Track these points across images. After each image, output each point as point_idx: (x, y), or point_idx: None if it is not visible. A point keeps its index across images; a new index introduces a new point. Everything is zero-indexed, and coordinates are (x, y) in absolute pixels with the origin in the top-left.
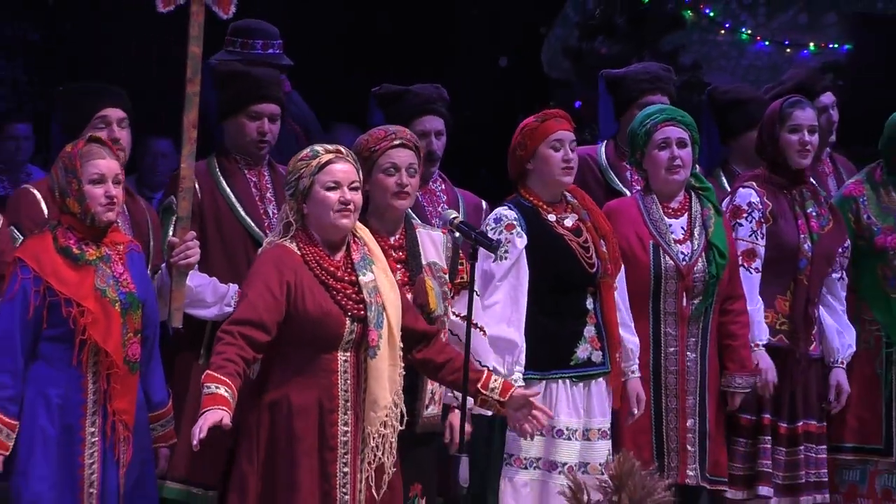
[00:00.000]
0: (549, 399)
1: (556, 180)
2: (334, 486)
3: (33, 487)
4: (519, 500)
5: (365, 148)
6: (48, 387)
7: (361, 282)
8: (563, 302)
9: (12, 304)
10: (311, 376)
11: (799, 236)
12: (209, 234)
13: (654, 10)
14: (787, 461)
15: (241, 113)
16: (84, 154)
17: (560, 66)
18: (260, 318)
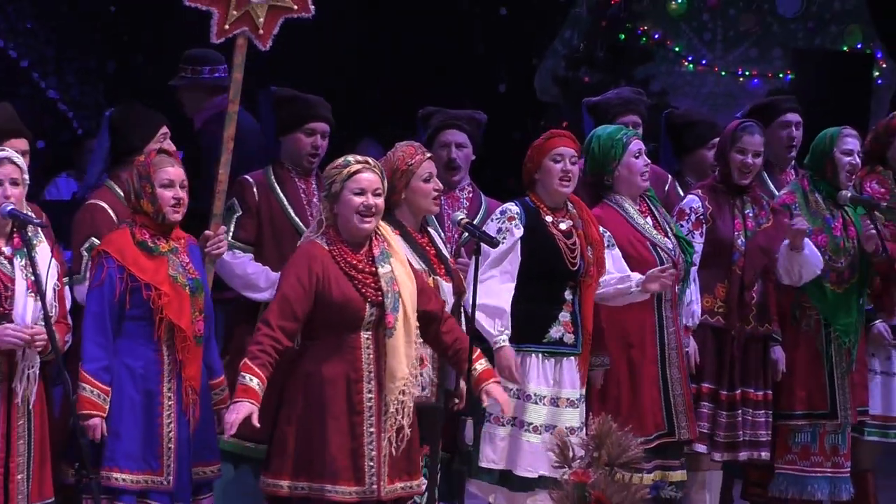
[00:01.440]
0: (523, 368)
1: (556, 189)
2: (362, 444)
3: (124, 444)
4: (496, 451)
5: (402, 162)
6: (132, 359)
7: (380, 272)
8: (544, 290)
9: (101, 290)
10: (339, 352)
11: (734, 234)
12: (264, 231)
13: (629, 45)
14: (727, 423)
15: (299, 130)
16: (156, 163)
17: (550, 92)
18: (292, 310)
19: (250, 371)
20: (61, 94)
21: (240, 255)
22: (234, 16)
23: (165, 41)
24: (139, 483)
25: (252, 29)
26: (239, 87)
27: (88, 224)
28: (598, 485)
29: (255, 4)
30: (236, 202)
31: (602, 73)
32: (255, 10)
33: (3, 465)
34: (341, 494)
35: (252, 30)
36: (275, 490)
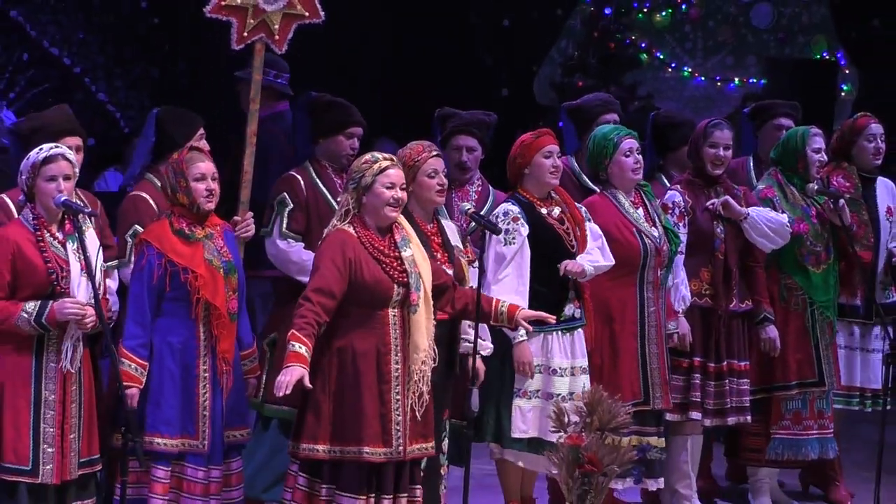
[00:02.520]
0: (546, 346)
1: (547, 182)
2: (389, 409)
3: (165, 412)
4: (525, 422)
5: (410, 158)
6: (171, 335)
7: (403, 256)
8: (553, 274)
9: (141, 274)
10: (369, 328)
11: (713, 223)
12: (312, 221)
13: (618, 54)
14: (716, 391)
15: (339, 133)
16: (188, 159)
17: (547, 96)
18: (330, 288)
19: (298, 340)
20: (110, 97)
21: (293, 243)
22: (252, 24)
23: (201, 50)
24: (177, 447)
25: (268, 35)
26: (259, 88)
27: (132, 213)
28: (591, 447)
29: (271, 13)
30: (287, 196)
31: (594, 79)
32: (271, 18)
33: (60, 427)
34: (373, 455)
35: (268, 35)
36: (311, 454)
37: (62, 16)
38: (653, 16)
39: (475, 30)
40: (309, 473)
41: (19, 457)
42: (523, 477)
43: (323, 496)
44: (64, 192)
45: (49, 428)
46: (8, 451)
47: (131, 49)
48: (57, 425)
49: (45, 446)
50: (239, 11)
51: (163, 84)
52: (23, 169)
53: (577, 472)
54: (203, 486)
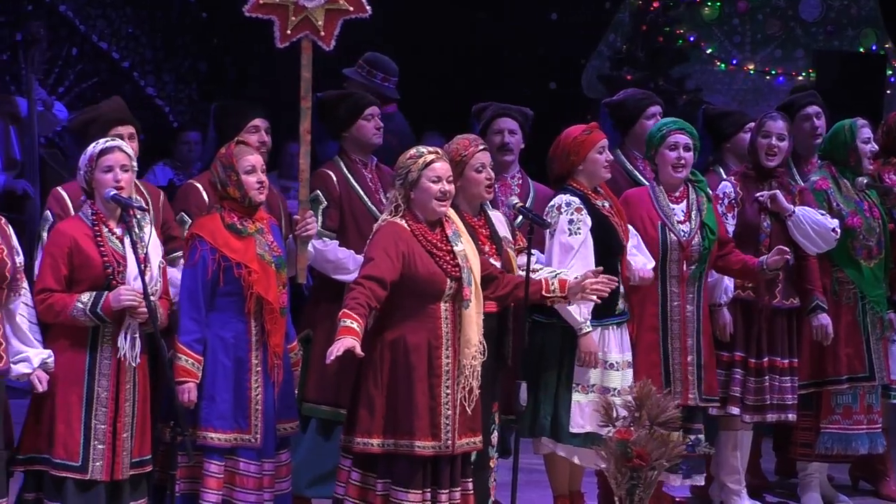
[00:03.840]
0: (604, 339)
1: (601, 176)
2: (439, 403)
3: (219, 407)
4: (584, 416)
5: (457, 153)
6: (224, 330)
7: (455, 251)
8: (609, 266)
9: (195, 270)
10: (421, 321)
11: (760, 217)
12: (346, 218)
13: (667, 47)
14: (756, 387)
15: (360, 118)
16: (237, 153)
17: (596, 89)
18: (382, 276)
19: (349, 317)
20: (158, 91)
21: (329, 242)
22: (294, 22)
23: (249, 44)
24: (230, 441)
25: (313, 32)
26: (309, 85)
27: (181, 201)
28: (640, 442)
29: (312, 9)
30: (321, 194)
31: (642, 72)
32: (313, 15)
33: (112, 424)
34: (422, 449)
35: (313, 32)
36: (365, 448)
37: (111, 10)
38: (701, 9)
39: (524, 23)
40: (363, 468)
41: (69, 452)
42: (571, 472)
43: (378, 490)
44: (122, 181)
45: (101, 425)
46: (58, 447)
47: (180, 43)
48: (109, 422)
49: (95, 443)
50: (279, 9)
51: (211, 78)
52: (81, 164)
53: (625, 467)
54: (256, 480)
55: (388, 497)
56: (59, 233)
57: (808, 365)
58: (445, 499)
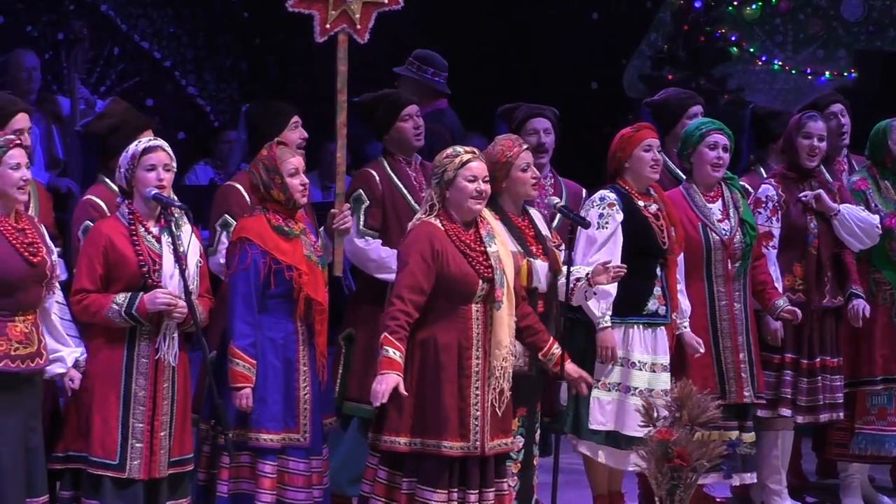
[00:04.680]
0: (627, 338)
1: (647, 176)
2: (468, 404)
3: (270, 409)
4: (604, 414)
5: (502, 154)
6: (273, 331)
7: (489, 251)
8: (641, 267)
9: (247, 273)
10: (452, 322)
11: (806, 218)
12: (389, 217)
13: (708, 46)
14: (808, 388)
15: (398, 120)
16: (280, 156)
17: (637, 89)
18: (420, 285)
19: (392, 345)
20: (200, 90)
21: (371, 241)
22: (333, 15)
23: (290, 43)
24: (281, 441)
25: (350, 25)
26: (345, 79)
27: (223, 203)
28: (680, 442)
29: (350, 3)
30: (363, 193)
31: (684, 72)
32: (351, 8)
33: (150, 423)
34: (450, 449)
35: (350, 26)
36: (392, 446)
37: (153, 10)
38: (743, 9)
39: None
40: (390, 466)
41: (107, 451)
42: (611, 472)
43: (404, 489)
44: (164, 181)
45: (138, 423)
46: (96, 445)
47: (221, 43)
48: (146, 421)
49: (133, 441)
50: (320, 3)
51: (252, 77)
52: (121, 163)
53: (666, 467)
54: (305, 478)
55: (414, 496)
56: (96, 232)
57: (844, 365)
58: (475, 500)
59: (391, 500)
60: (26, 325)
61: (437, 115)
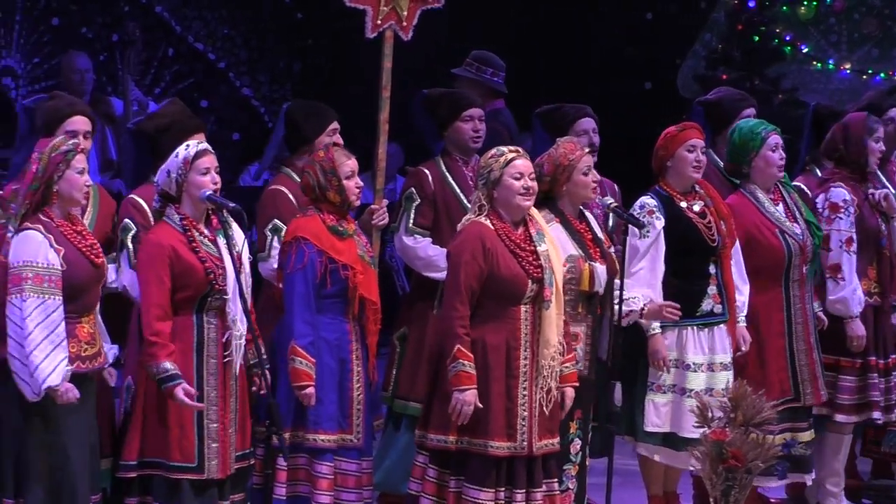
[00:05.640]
0: (681, 341)
1: (689, 175)
2: (516, 404)
3: (326, 409)
4: (660, 416)
5: (564, 158)
6: (328, 332)
7: (539, 251)
8: (691, 268)
9: (304, 272)
10: (501, 322)
11: (877, 220)
12: (440, 216)
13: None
14: (885, 387)
15: (458, 119)
16: (338, 158)
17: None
18: (473, 289)
19: (466, 357)
20: (254, 91)
21: (420, 239)
22: (384, 11)
23: (343, 44)
24: (336, 442)
25: (397, 22)
26: (389, 76)
27: (271, 207)
28: (735, 443)
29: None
30: (414, 191)
31: (738, 72)
32: (400, 4)
33: (221, 421)
34: (497, 449)
35: (397, 22)
36: (439, 445)
37: (207, 11)
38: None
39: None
40: (439, 465)
41: (185, 454)
42: (666, 472)
43: (452, 488)
44: (218, 183)
45: (212, 423)
46: (174, 450)
47: (275, 44)
48: (219, 420)
49: (209, 441)
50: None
51: (305, 78)
52: (171, 168)
53: (720, 468)
54: (356, 479)
55: (462, 495)
56: (154, 245)
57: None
58: (521, 499)
59: (441, 498)
60: (90, 326)
61: (493, 114)
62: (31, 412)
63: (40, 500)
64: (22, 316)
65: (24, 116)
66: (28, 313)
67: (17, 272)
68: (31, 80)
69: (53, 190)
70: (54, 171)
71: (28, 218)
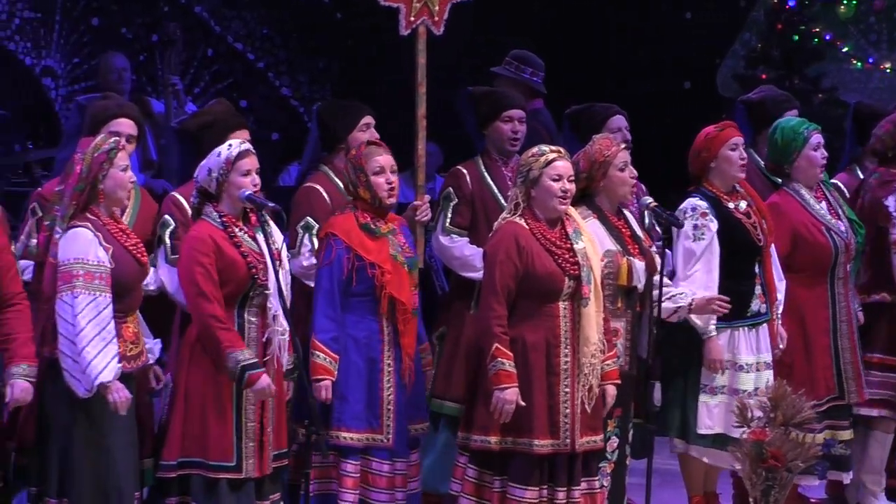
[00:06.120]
0: (733, 342)
1: (734, 175)
2: (558, 402)
3: (351, 407)
4: (712, 417)
5: (600, 154)
6: (356, 330)
7: (576, 248)
8: (740, 269)
9: (331, 268)
10: (540, 321)
11: None
12: (478, 216)
13: (802, 46)
14: None
15: (498, 119)
16: (366, 154)
17: (730, 88)
18: (510, 287)
19: (506, 356)
20: (293, 91)
21: (457, 239)
22: (416, 8)
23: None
24: (362, 441)
25: (429, 17)
26: (424, 71)
27: (304, 205)
28: (775, 443)
29: None
30: (452, 191)
31: (778, 71)
32: (431, 0)
33: (259, 421)
34: (540, 447)
35: (429, 17)
36: (483, 445)
37: (246, 11)
38: (837, 7)
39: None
40: (479, 465)
41: (224, 453)
42: (707, 472)
43: (495, 488)
44: (258, 185)
45: (250, 423)
46: (213, 449)
47: (314, 43)
48: (256, 419)
49: (247, 440)
50: None
51: (344, 78)
52: (212, 166)
53: (760, 468)
54: (388, 480)
55: (505, 494)
56: (198, 240)
57: None
58: (563, 497)
59: (481, 498)
60: (134, 325)
61: (532, 114)
62: (79, 410)
63: (86, 500)
64: (74, 313)
65: (76, 113)
66: (80, 310)
67: (68, 269)
68: (71, 80)
69: (99, 189)
70: (98, 170)
71: (75, 218)
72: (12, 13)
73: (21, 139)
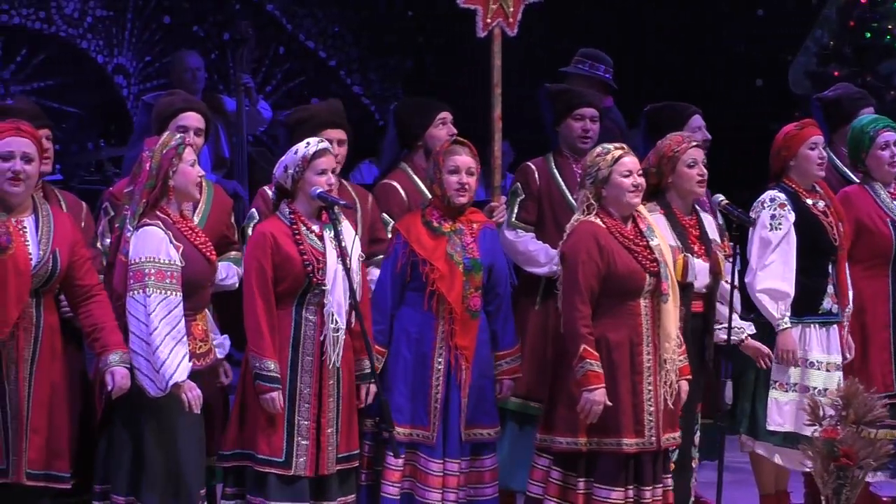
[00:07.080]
0: (804, 337)
1: (814, 173)
2: (642, 400)
3: (396, 400)
4: (782, 414)
5: (669, 149)
6: (409, 324)
7: (652, 245)
8: (815, 266)
9: (387, 261)
10: (622, 319)
11: None
12: (545, 212)
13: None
14: None
15: (569, 117)
16: (447, 151)
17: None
18: (593, 289)
19: (593, 357)
20: (364, 89)
21: (522, 234)
22: (493, 9)
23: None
24: (407, 435)
25: (504, 18)
26: (499, 73)
27: (382, 202)
28: (847, 441)
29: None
30: (520, 186)
31: (849, 68)
32: (506, 1)
33: (316, 420)
34: (627, 446)
35: (504, 19)
36: (569, 447)
37: (318, 9)
38: None
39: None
40: (564, 467)
41: (273, 448)
42: (778, 471)
43: (580, 489)
44: (333, 184)
45: (304, 421)
46: (262, 443)
47: (386, 42)
48: (312, 419)
49: (299, 439)
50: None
51: (416, 75)
52: (288, 163)
53: (832, 466)
54: (438, 479)
55: (591, 495)
56: (259, 234)
57: None
58: (649, 496)
59: (565, 500)
60: (203, 323)
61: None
62: (149, 409)
63: (155, 499)
64: (146, 312)
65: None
66: (152, 309)
67: (139, 268)
68: (143, 78)
69: (170, 185)
70: (168, 166)
71: (146, 215)
72: (84, 12)
73: (94, 137)
